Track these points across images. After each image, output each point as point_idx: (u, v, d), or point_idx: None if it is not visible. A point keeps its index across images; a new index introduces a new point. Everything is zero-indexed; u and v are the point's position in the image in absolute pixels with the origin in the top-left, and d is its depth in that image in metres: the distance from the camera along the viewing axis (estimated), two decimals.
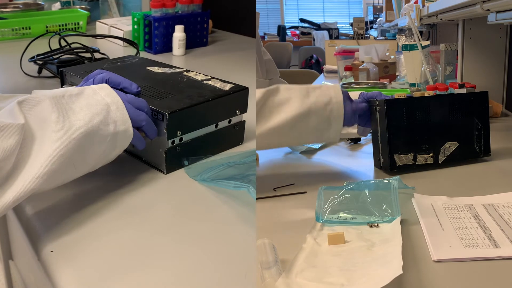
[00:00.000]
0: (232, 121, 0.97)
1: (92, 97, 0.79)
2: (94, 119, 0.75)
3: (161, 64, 1.15)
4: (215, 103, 0.93)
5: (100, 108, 0.77)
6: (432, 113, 1.02)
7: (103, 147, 0.77)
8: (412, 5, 2.03)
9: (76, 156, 0.72)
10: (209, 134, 0.93)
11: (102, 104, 0.78)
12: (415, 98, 1.02)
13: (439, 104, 1.02)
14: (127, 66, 1.15)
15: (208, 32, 1.91)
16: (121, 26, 1.92)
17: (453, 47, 1.69)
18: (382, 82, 2.16)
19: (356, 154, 1.19)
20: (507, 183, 0.92)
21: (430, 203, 0.81)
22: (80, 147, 0.72)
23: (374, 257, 0.64)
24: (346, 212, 0.79)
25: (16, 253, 0.99)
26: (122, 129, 0.79)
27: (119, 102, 0.80)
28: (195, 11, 1.84)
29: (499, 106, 1.46)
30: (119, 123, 0.79)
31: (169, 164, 0.88)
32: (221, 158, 0.92)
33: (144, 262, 0.65)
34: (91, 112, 0.76)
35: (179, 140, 0.89)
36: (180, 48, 1.75)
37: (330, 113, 0.93)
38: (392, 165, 1.00)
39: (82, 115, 0.74)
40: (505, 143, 1.19)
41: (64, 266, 0.65)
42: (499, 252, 0.65)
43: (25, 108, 0.70)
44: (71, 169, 0.73)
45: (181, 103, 0.89)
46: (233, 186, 0.80)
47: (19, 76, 1.46)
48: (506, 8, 1.03)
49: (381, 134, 1.02)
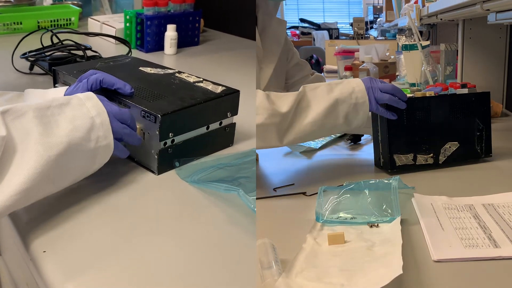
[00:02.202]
0: (223, 123, 0.98)
1: (78, 109, 0.78)
2: (76, 134, 0.74)
3: (154, 65, 1.16)
4: (207, 106, 0.93)
5: (84, 122, 0.76)
6: (432, 114, 1.02)
7: (83, 163, 0.77)
8: (412, 5, 2.03)
9: (55, 172, 0.71)
10: (200, 136, 0.94)
11: (87, 118, 0.77)
12: (416, 98, 1.02)
13: (440, 105, 1.02)
14: (119, 66, 1.15)
15: (199, 32, 1.89)
16: (113, 23, 1.90)
17: (453, 47, 1.69)
18: None
19: (356, 154, 1.19)
20: (507, 183, 0.92)
21: (430, 203, 0.81)
22: (59, 164, 0.71)
23: (374, 257, 0.64)
24: (346, 212, 0.79)
25: (5, 248, 0.99)
26: (103, 144, 0.78)
27: (103, 115, 0.79)
28: (187, 11, 1.82)
29: (499, 106, 1.46)
30: (101, 139, 0.78)
31: (160, 165, 0.89)
32: (211, 159, 0.92)
33: (130, 259, 0.65)
34: (74, 127, 0.75)
35: (171, 141, 0.89)
36: (172, 47, 1.73)
37: (356, 100, 0.98)
38: (392, 164, 1.00)
39: (65, 130, 0.74)
40: (505, 143, 1.19)
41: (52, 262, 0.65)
42: (499, 252, 0.65)
43: (8, 119, 0.69)
44: (49, 185, 0.72)
45: (173, 105, 0.89)
46: (224, 189, 0.80)
47: (10, 72, 1.44)
48: (506, 8, 1.03)
49: (381, 133, 1.02)
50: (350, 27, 5.41)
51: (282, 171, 1.08)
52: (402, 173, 0.99)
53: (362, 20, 4.16)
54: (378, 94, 0.98)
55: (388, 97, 0.98)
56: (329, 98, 0.97)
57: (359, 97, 0.98)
